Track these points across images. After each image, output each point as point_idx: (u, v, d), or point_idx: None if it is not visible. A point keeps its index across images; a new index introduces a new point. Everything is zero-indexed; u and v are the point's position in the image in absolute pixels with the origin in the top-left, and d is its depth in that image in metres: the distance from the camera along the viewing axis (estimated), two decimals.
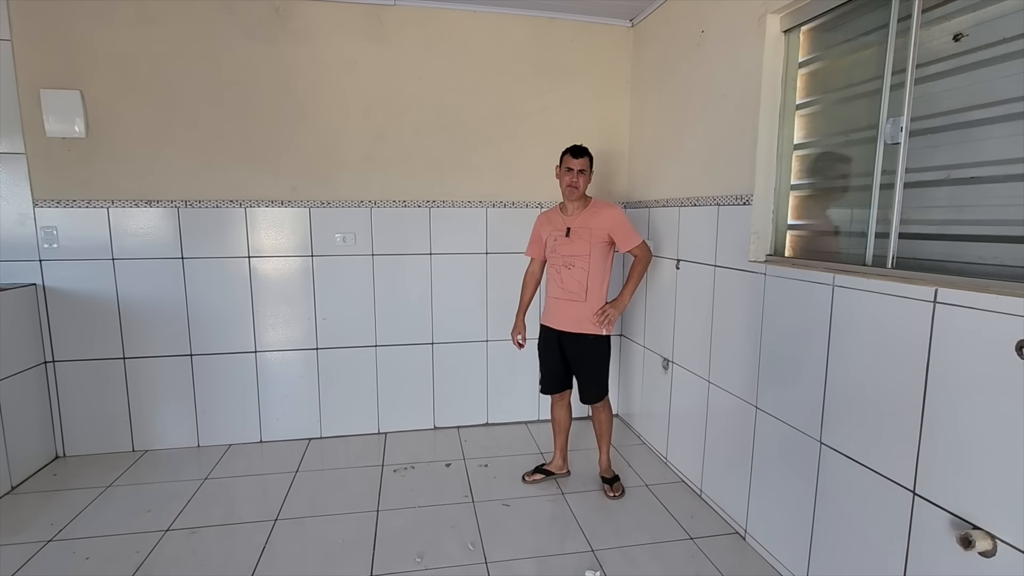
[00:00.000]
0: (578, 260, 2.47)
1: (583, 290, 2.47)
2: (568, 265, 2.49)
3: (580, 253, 2.47)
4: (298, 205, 3.02)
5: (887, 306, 1.55)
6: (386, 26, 2.99)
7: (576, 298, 2.49)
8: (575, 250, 2.47)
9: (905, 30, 1.61)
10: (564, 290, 2.51)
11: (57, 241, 2.81)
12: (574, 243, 2.47)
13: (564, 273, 2.50)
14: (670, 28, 2.83)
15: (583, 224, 2.47)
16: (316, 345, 3.15)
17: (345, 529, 2.31)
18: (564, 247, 2.50)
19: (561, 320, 2.54)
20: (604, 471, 2.68)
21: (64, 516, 2.38)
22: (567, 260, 2.49)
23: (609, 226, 2.45)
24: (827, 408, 1.79)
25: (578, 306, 2.49)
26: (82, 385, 2.92)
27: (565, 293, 2.51)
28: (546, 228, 2.59)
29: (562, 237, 2.50)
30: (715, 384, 2.46)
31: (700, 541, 2.24)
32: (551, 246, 2.55)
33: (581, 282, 2.47)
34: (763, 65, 2.09)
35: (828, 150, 1.99)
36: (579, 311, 2.49)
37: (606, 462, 2.68)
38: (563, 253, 2.50)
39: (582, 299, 2.48)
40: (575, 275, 2.48)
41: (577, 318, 2.50)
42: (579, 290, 2.48)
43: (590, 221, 2.47)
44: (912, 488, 1.48)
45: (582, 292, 2.48)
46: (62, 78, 2.72)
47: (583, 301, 2.48)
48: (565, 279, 2.50)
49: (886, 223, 1.69)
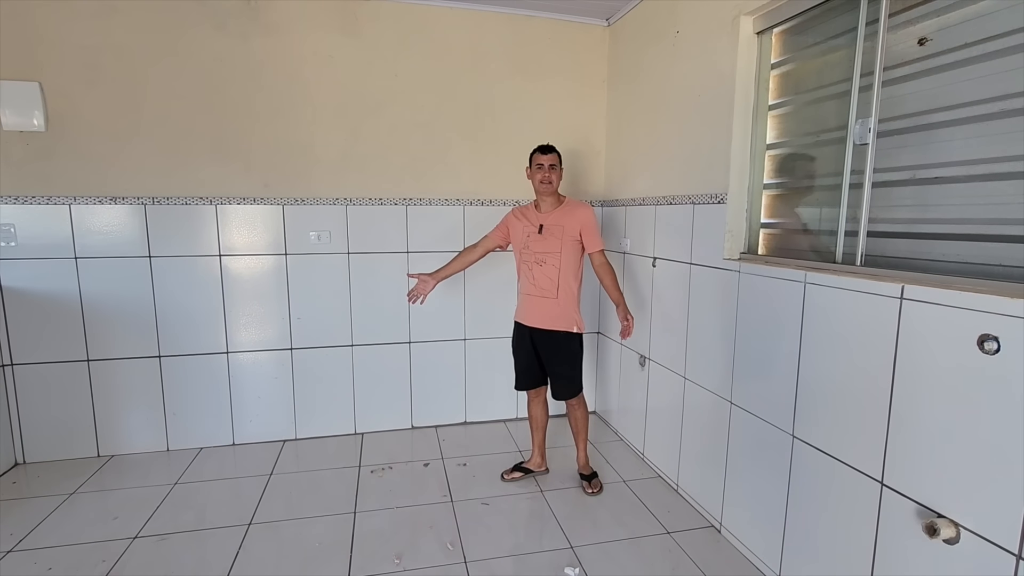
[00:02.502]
0: (549, 257, 2.49)
1: (554, 287, 2.49)
2: (540, 262, 2.51)
3: (552, 250, 2.48)
4: (271, 202, 2.96)
5: (856, 302, 1.59)
6: (361, 21, 2.95)
7: (547, 295, 2.50)
8: (547, 247, 2.49)
9: (873, 34, 1.65)
10: (536, 287, 2.53)
11: (15, 239, 2.69)
12: (546, 240, 2.49)
13: (536, 270, 2.52)
14: (646, 28, 2.86)
15: (556, 222, 2.49)
16: (290, 345, 3.09)
17: (322, 532, 2.27)
18: (536, 244, 2.51)
19: (533, 317, 2.55)
20: (582, 468, 2.70)
21: (25, 525, 2.28)
22: (539, 257, 2.51)
23: (581, 225, 2.48)
24: (799, 402, 1.83)
25: (549, 303, 2.51)
26: (43, 389, 2.80)
27: (537, 290, 2.53)
28: (519, 223, 2.59)
29: (535, 234, 2.52)
30: (691, 380, 2.49)
31: (677, 535, 2.27)
32: (523, 242, 2.56)
33: (552, 279, 2.49)
34: (737, 66, 2.12)
35: (799, 150, 2.03)
36: (550, 308, 2.51)
37: (584, 459, 2.70)
38: (535, 250, 2.52)
39: (553, 296, 2.50)
40: (546, 272, 2.49)
41: (548, 315, 2.51)
42: (550, 287, 2.50)
43: (563, 219, 2.49)
44: (880, 479, 1.52)
45: (553, 289, 2.49)
46: (19, 69, 2.60)
47: (554, 298, 2.50)
48: (537, 276, 2.52)
49: (855, 221, 1.74)
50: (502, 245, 2.70)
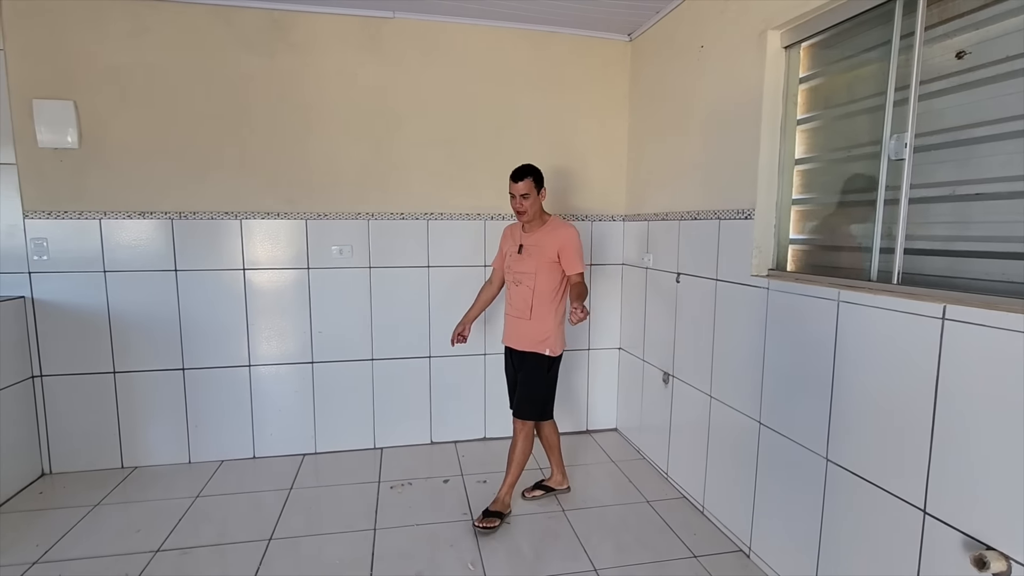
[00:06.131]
0: (525, 278, 2.45)
1: (528, 308, 2.44)
2: (516, 282, 2.48)
3: (527, 271, 2.44)
4: (294, 217, 2.99)
5: (895, 322, 1.54)
6: (384, 39, 2.99)
7: (522, 315, 2.46)
8: (524, 267, 2.45)
9: (908, 47, 1.62)
10: (512, 307, 2.51)
11: (47, 253, 2.75)
12: (524, 260, 2.45)
13: (512, 290, 2.51)
14: (669, 43, 2.85)
15: (535, 242, 2.44)
16: (311, 359, 3.10)
17: (342, 549, 2.25)
18: (516, 264, 2.49)
19: (510, 337, 2.53)
20: (496, 503, 2.48)
21: (50, 536, 2.30)
22: (516, 277, 2.48)
23: (560, 246, 2.39)
24: (833, 424, 1.77)
25: (523, 323, 2.46)
26: (70, 400, 2.85)
27: (513, 310, 2.51)
28: (507, 242, 2.59)
29: (515, 253, 2.50)
30: (717, 399, 2.44)
31: (704, 559, 2.20)
32: (508, 262, 2.55)
33: (526, 300, 2.44)
34: (764, 81, 2.10)
35: (830, 165, 1.99)
36: (523, 329, 2.46)
37: (504, 493, 2.49)
38: (515, 270, 2.49)
39: (527, 317, 2.45)
40: (521, 292, 2.46)
41: (523, 335, 2.47)
42: (524, 308, 2.45)
43: (542, 239, 2.43)
44: (923, 507, 1.46)
45: (527, 310, 2.44)
46: (55, 88, 2.68)
47: (528, 319, 2.45)
48: (513, 296, 2.51)
49: (890, 238, 1.69)
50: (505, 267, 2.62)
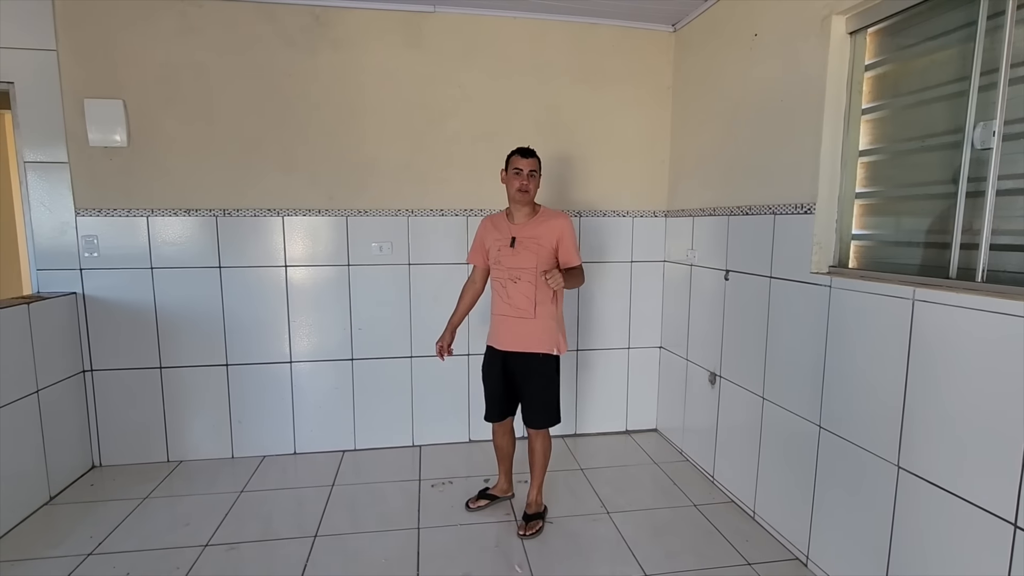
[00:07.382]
0: (524, 273, 2.25)
1: (532, 306, 2.25)
2: (514, 279, 2.27)
3: (526, 266, 2.25)
4: (335, 214, 2.99)
5: (980, 322, 1.44)
6: (425, 34, 2.96)
7: (524, 315, 2.26)
8: (521, 262, 2.25)
9: (996, 28, 1.51)
10: (511, 306, 2.29)
11: (97, 250, 2.80)
12: (519, 255, 2.26)
13: (510, 287, 2.28)
14: (717, 32, 2.75)
15: (530, 234, 2.26)
16: (351, 356, 3.10)
17: (387, 547, 2.24)
18: (509, 259, 2.28)
19: (507, 339, 2.32)
20: (530, 506, 2.42)
21: (103, 529, 2.35)
22: (512, 273, 2.27)
23: (558, 236, 2.25)
24: (905, 430, 1.68)
25: (526, 323, 2.27)
26: (119, 394, 2.90)
27: (512, 309, 2.29)
28: (490, 235, 2.36)
29: (506, 247, 2.28)
30: (770, 400, 2.35)
31: (759, 567, 2.12)
32: (495, 256, 2.33)
33: (529, 297, 2.25)
34: (827, 69, 2.00)
35: (899, 156, 1.89)
36: (527, 329, 2.27)
37: (535, 495, 2.42)
38: (508, 265, 2.28)
39: (531, 315, 2.26)
40: (522, 289, 2.26)
41: (526, 336, 2.28)
42: (527, 306, 2.26)
43: (537, 230, 2.26)
44: (1014, 521, 1.36)
45: (531, 308, 2.25)
46: (105, 88, 2.72)
47: (532, 318, 2.26)
48: (512, 294, 2.28)
49: (972, 233, 1.59)
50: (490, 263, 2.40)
